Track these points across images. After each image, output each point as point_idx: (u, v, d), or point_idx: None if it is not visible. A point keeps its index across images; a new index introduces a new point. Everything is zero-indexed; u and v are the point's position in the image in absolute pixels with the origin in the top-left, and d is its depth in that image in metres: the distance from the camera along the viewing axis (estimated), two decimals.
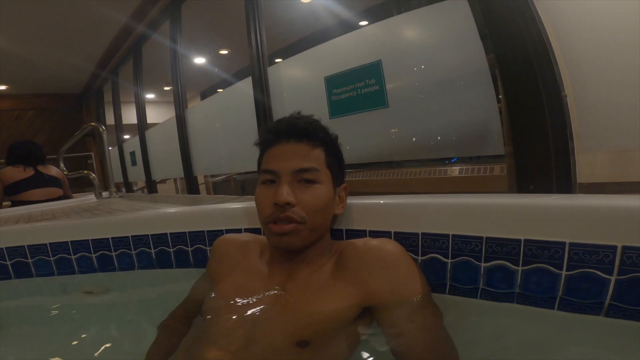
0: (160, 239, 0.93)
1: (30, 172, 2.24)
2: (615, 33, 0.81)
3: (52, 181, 2.33)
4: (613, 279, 0.47)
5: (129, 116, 3.77)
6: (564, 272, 0.50)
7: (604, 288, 0.48)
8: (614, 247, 0.47)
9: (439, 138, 1.14)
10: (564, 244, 0.50)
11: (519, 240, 0.54)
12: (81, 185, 4.54)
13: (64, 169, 2.44)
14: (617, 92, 0.83)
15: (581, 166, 0.87)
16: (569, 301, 0.50)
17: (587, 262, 0.48)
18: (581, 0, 0.84)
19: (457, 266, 0.60)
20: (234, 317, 0.57)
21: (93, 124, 2.36)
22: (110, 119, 4.15)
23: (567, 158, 0.86)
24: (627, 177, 1.06)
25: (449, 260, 0.61)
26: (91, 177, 2.28)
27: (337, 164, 0.64)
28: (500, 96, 0.96)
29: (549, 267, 0.51)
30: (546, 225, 0.52)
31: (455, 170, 2.10)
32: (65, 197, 2.39)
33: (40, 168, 2.30)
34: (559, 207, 0.52)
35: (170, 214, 0.97)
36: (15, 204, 2.21)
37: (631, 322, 0.46)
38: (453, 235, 0.60)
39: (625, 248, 0.46)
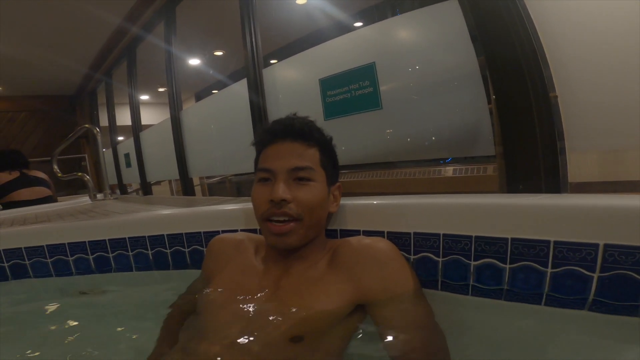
0: (157, 240, 0.94)
1: (15, 174, 2.41)
2: (604, 35, 0.82)
3: (38, 181, 2.47)
4: (596, 276, 0.49)
5: (123, 118, 3.75)
6: (549, 270, 0.52)
7: (587, 285, 0.50)
8: (596, 245, 0.49)
9: (432, 139, 1.16)
10: (548, 242, 0.52)
11: (506, 239, 0.55)
12: (74, 187, 4.51)
13: (58, 171, 2.44)
14: (605, 93, 0.84)
15: (571, 166, 0.89)
16: (554, 297, 0.52)
17: (571, 260, 0.50)
18: (570, 2, 0.85)
19: (448, 264, 0.62)
20: (229, 313, 0.58)
21: (87, 125, 2.35)
22: (103, 121, 4.12)
23: (556, 158, 0.88)
24: (617, 177, 1.09)
25: (440, 259, 0.63)
26: (85, 179, 2.27)
27: (331, 164, 0.66)
28: (492, 97, 0.98)
29: (535, 264, 0.53)
30: (531, 224, 0.54)
31: (449, 171, 2.12)
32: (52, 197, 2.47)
33: (25, 171, 2.46)
34: (543, 207, 0.54)
35: (167, 215, 0.98)
36: (5, 206, 2.29)
37: (613, 316, 0.48)
38: (444, 235, 0.62)
39: (607, 246, 0.48)
